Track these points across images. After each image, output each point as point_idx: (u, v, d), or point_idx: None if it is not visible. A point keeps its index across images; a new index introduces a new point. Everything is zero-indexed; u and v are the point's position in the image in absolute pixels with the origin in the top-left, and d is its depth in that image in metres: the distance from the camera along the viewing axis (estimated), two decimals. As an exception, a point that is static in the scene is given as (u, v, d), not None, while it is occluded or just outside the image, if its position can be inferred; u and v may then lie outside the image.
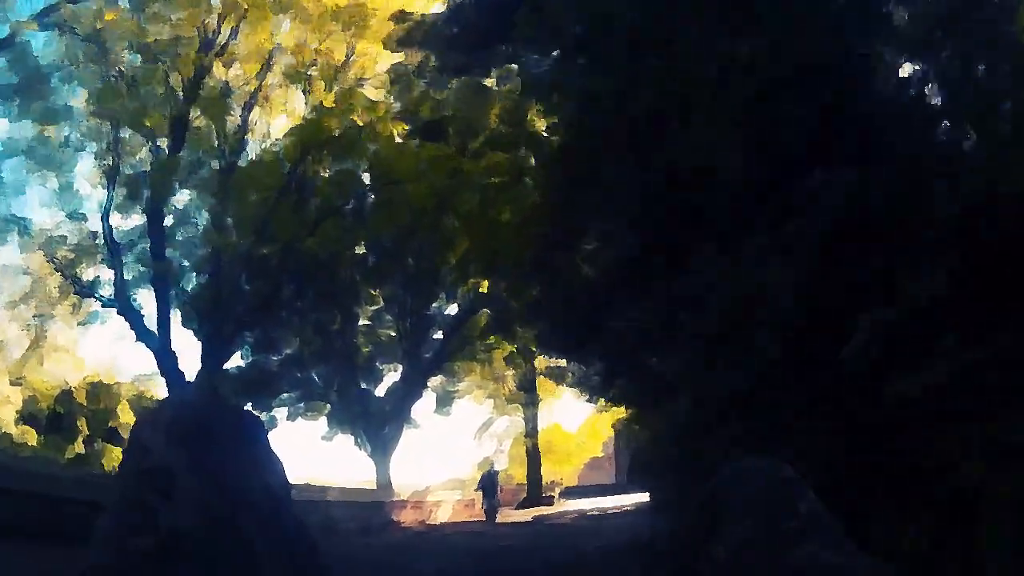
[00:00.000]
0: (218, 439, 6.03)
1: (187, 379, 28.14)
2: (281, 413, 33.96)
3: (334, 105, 29.17)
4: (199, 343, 29.45)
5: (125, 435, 35.67)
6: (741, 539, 6.33)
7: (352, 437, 33.57)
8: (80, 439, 35.21)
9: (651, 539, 14.62)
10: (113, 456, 33.00)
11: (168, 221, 30.77)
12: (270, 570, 5.80)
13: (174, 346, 29.42)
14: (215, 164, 30.31)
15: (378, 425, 32.86)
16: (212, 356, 29.04)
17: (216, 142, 29.62)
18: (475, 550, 18.01)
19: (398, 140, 29.98)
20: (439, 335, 34.78)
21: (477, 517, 31.30)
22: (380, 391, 34.63)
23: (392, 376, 35.33)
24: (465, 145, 29.30)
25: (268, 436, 6.82)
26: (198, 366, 29.02)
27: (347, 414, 33.00)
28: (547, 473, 44.91)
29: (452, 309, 35.07)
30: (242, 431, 6.42)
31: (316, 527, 9.62)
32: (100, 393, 36.63)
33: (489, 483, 31.10)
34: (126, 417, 35.04)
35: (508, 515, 32.51)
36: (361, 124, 28.47)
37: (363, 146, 29.51)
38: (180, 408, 6.40)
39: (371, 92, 32.23)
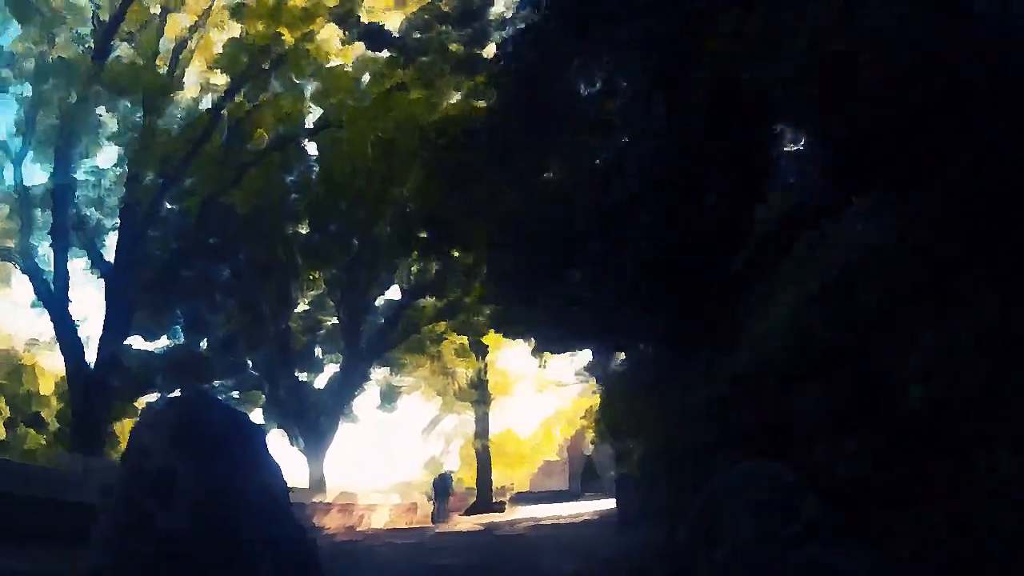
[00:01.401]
0: (217, 442, 6.06)
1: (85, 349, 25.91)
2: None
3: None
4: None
5: (50, 419, 32.67)
6: (741, 542, 6.42)
7: (284, 431, 30.38)
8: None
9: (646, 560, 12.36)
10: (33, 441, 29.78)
11: (82, 176, 28.34)
12: (269, 574, 5.84)
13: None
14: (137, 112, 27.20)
15: (313, 419, 29.81)
16: (115, 325, 25.97)
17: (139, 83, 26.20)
18: (394, 570, 14.84)
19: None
20: (382, 321, 31.65)
21: (419, 523, 28.50)
22: (321, 383, 31.48)
23: (335, 368, 32.21)
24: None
25: (266, 439, 6.84)
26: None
27: (281, 406, 29.88)
28: (498, 477, 42.38)
29: (395, 293, 32.19)
30: (241, 434, 6.44)
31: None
32: (24, 374, 32.99)
33: (441, 486, 30.93)
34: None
35: (456, 522, 29.77)
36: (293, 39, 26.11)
37: (299, 64, 27.15)
38: (180, 410, 6.34)
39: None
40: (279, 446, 30.16)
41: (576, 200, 15.11)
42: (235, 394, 31.61)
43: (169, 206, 28.43)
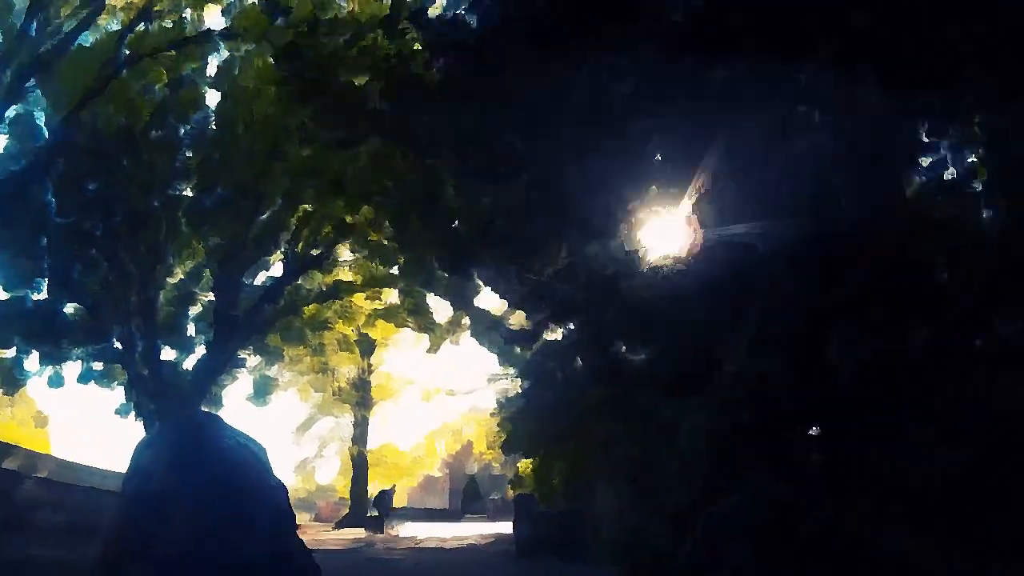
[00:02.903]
0: (219, 463, 5.96)
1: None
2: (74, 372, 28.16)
3: None
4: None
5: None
6: (740, 562, 6.64)
7: (139, 415, 26.32)
8: None
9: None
10: None
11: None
12: None
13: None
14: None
15: (172, 402, 25.79)
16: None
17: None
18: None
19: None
20: (260, 297, 28.11)
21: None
22: (191, 365, 27.58)
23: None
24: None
25: (270, 460, 6.59)
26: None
27: (141, 384, 25.84)
28: (375, 489, 38.94)
29: (277, 269, 29.20)
30: (245, 457, 6.22)
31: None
32: None
33: (381, 502, 31.99)
34: None
35: (321, 538, 25.90)
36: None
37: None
38: (180, 432, 6.29)
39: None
40: (132, 432, 26.27)
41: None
42: (97, 366, 28.32)
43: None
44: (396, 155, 19.49)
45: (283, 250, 27.75)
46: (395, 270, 27.95)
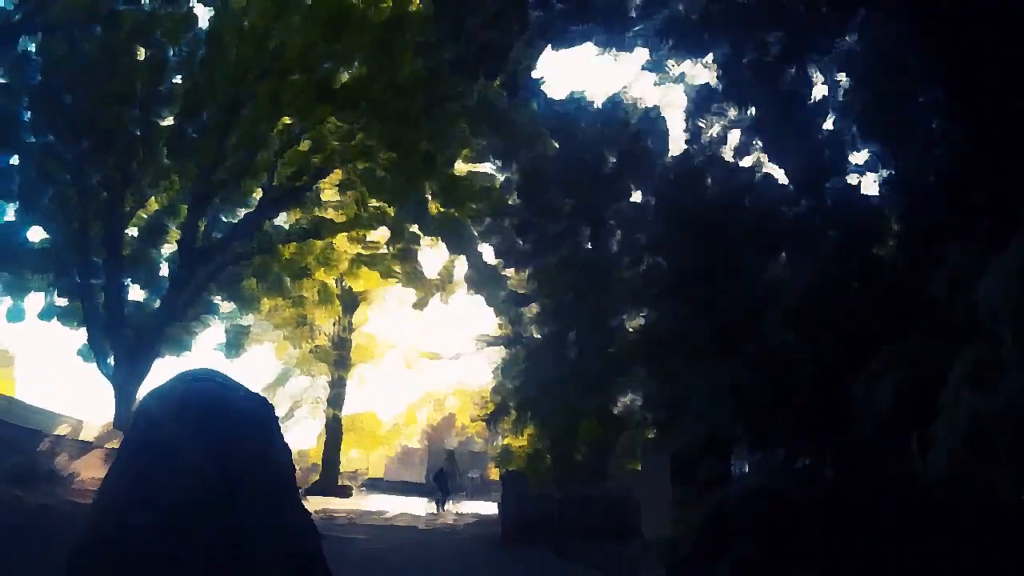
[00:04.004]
0: (228, 420, 5.82)
1: None
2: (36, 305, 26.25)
3: None
4: None
5: None
6: (745, 559, 6.60)
7: (93, 351, 23.89)
8: None
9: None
10: None
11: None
12: (269, 563, 5.61)
13: None
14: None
15: (130, 339, 23.34)
16: None
17: None
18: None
19: None
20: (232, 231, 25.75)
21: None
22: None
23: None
24: None
25: (279, 423, 6.50)
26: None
27: (97, 318, 23.48)
28: (350, 458, 36.77)
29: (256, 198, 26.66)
30: (254, 417, 6.09)
31: None
32: None
33: (441, 476, 31.05)
34: None
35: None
36: None
37: None
38: (191, 383, 5.97)
39: None
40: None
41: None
42: (62, 301, 26.19)
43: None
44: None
45: (262, 184, 25.15)
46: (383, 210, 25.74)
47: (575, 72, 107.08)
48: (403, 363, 38.32)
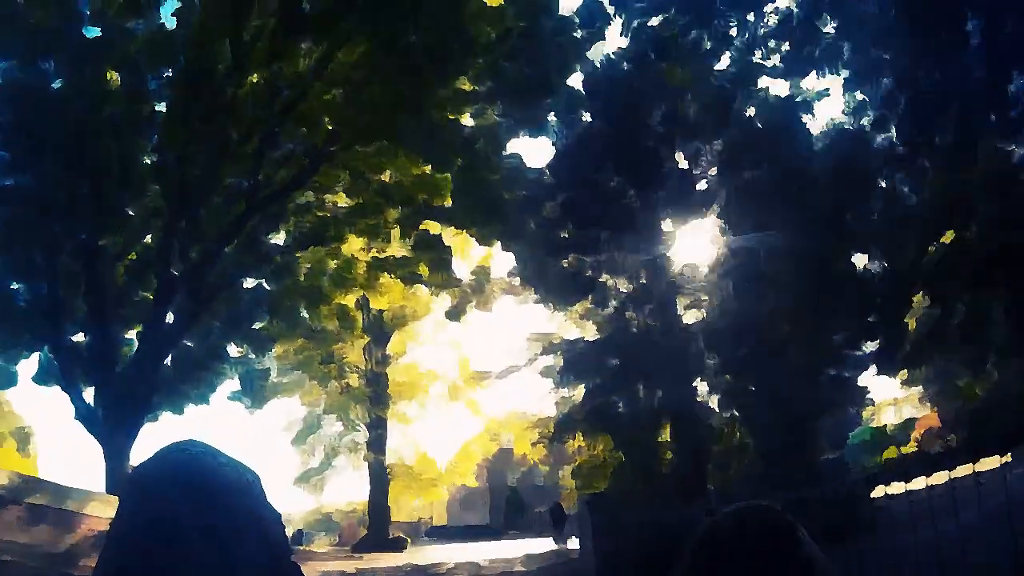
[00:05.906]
0: (219, 491, 5.74)
1: None
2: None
3: None
4: None
5: None
6: None
7: (75, 406, 20.54)
8: None
9: None
10: None
11: None
12: None
13: None
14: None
15: (120, 388, 19.85)
16: None
17: None
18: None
19: None
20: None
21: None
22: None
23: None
24: None
25: (264, 491, 6.37)
26: None
27: (76, 362, 20.71)
28: (406, 507, 32.85)
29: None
30: (241, 484, 6.03)
31: None
32: None
33: (558, 514, 30.09)
34: None
35: (314, 567, 19.33)
36: None
37: None
38: (181, 455, 5.87)
39: None
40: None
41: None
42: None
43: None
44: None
45: (246, 184, 21.29)
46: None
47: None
48: (447, 395, 34.38)
